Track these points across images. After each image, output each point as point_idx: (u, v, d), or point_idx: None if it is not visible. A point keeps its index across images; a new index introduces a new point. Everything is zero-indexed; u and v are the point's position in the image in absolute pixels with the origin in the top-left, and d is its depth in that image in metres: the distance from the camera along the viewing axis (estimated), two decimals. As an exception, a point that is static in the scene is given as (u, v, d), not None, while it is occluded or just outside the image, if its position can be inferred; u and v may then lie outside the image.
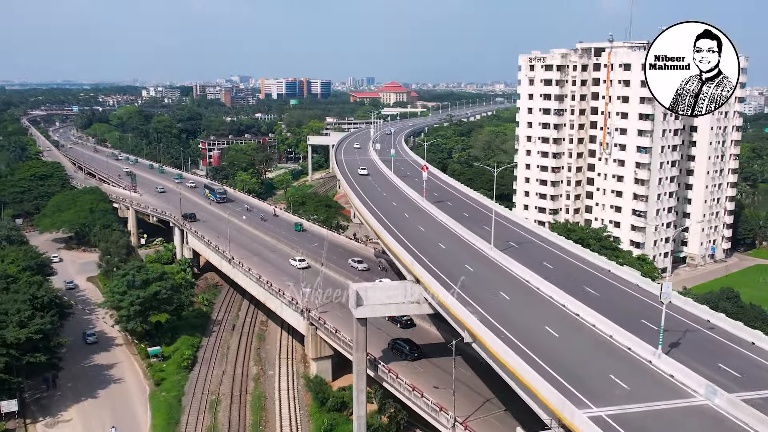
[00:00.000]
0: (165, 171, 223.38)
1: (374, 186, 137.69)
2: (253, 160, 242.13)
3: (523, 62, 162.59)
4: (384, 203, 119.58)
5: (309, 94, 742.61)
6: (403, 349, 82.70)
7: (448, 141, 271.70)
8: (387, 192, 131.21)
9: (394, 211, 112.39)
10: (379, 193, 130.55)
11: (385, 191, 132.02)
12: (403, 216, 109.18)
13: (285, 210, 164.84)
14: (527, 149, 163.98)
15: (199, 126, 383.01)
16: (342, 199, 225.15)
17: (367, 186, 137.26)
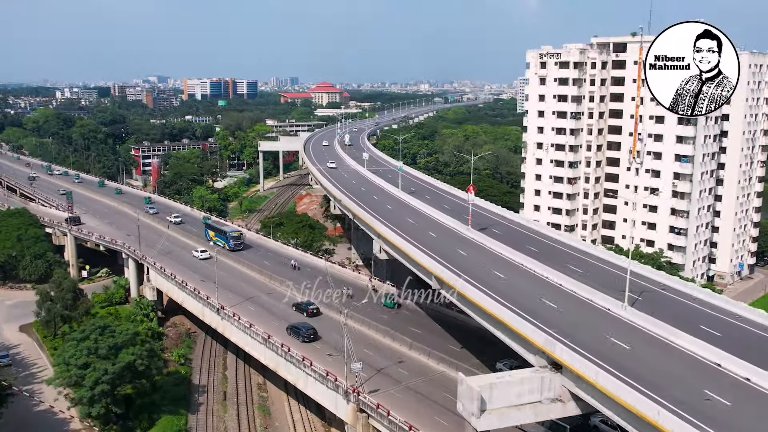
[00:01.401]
0: (105, 185, 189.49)
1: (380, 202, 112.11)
2: (201, 170, 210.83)
3: (532, 58, 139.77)
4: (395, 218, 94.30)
5: (235, 94, 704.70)
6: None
7: (411, 145, 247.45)
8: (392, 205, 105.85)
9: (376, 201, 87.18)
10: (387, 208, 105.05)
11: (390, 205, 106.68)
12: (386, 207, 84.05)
13: (259, 232, 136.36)
14: (537, 158, 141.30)
15: (125, 130, 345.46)
16: (303, 209, 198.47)
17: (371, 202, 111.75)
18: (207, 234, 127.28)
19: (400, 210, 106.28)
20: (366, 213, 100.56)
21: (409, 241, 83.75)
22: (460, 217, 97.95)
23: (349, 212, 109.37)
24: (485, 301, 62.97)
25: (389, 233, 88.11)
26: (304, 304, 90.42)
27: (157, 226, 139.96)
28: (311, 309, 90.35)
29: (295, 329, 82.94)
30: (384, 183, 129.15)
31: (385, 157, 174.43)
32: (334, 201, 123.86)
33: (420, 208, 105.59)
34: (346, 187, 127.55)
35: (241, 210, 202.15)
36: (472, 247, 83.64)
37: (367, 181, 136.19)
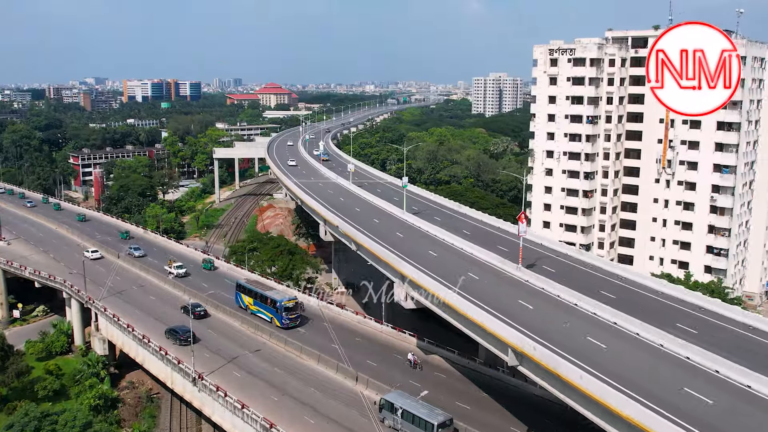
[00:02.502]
0: (49, 201, 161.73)
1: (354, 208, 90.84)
2: (150, 182, 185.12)
3: (540, 55, 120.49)
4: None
5: (178, 96, 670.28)
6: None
7: (380, 150, 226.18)
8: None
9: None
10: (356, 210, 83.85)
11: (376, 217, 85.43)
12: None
13: (230, 261, 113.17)
14: (548, 168, 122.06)
15: (62, 135, 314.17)
16: (268, 224, 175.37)
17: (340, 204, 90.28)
18: (239, 299, 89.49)
19: (416, 239, 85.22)
20: (380, 246, 78.83)
21: (457, 292, 62.43)
22: (491, 246, 77.97)
23: (352, 242, 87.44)
24: (608, 396, 42.66)
25: (423, 278, 66.72)
26: (192, 306, 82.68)
27: (106, 255, 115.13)
28: (198, 311, 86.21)
29: (173, 332, 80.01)
30: (379, 201, 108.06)
31: (368, 168, 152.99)
32: (325, 226, 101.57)
33: (440, 237, 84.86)
34: (336, 206, 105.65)
35: (197, 226, 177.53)
36: (534, 296, 63.18)
37: (357, 198, 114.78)
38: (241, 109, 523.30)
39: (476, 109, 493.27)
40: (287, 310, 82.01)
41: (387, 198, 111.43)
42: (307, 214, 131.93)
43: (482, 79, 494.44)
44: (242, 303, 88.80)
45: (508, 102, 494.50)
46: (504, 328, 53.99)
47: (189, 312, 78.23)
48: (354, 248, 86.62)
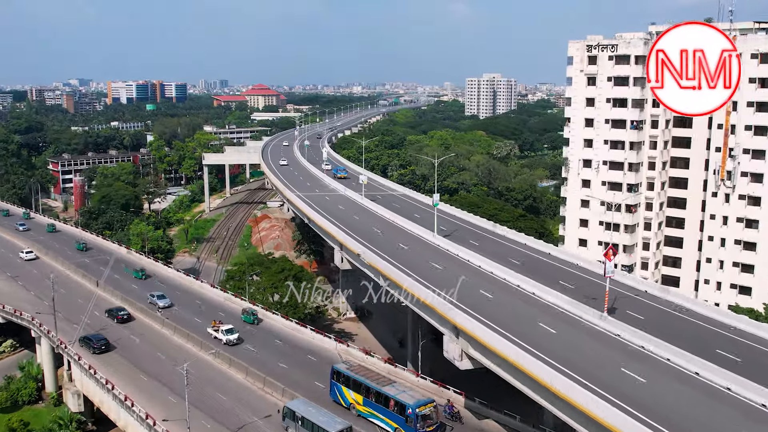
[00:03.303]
0: (10, 213, 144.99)
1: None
2: (135, 192, 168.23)
3: (576, 51, 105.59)
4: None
5: (163, 98, 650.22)
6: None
7: (380, 155, 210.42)
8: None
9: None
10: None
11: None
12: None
13: (226, 290, 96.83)
14: (584, 179, 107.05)
15: (43, 139, 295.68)
16: (264, 237, 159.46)
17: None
18: (337, 392, 61.97)
19: (458, 272, 69.44)
20: (422, 287, 62.65)
21: (544, 359, 47.15)
22: (551, 282, 62.94)
23: (380, 276, 71.41)
24: None
25: (488, 335, 51.20)
26: (115, 310, 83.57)
27: (81, 281, 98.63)
28: (121, 315, 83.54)
29: (86, 340, 75.66)
30: (402, 220, 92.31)
31: (379, 178, 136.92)
32: (341, 251, 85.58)
33: (487, 269, 69.75)
34: (352, 227, 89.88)
35: (186, 240, 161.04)
36: (636, 359, 47.90)
37: (373, 216, 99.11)
38: (229, 110, 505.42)
39: (469, 111, 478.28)
40: (424, 419, 54.37)
41: (407, 215, 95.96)
42: (309, 228, 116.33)
43: (476, 79, 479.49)
44: (343, 399, 61.13)
45: (503, 103, 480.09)
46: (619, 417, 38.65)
47: None
48: (384, 284, 70.87)
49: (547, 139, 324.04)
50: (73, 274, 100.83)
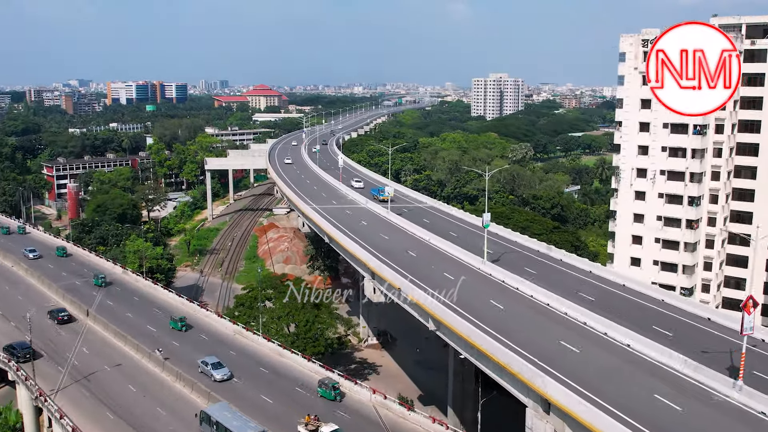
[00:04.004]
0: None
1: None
2: (133, 199, 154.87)
3: (629, 47, 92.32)
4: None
5: (163, 98, 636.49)
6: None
7: (394, 159, 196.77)
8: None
9: None
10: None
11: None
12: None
13: (236, 321, 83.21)
14: (638, 190, 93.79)
15: (39, 142, 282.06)
16: (272, 248, 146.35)
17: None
18: None
19: (521, 312, 56.30)
20: (500, 346, 49.11)
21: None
22: (643, 327, 49.96)
23: (431, 319, 57.99)
24: None
25: (597, 419, 37.87)
26: (56, 311, 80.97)
27: (69, 307, 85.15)
28: (61, 316, 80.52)
29: (11, 348, 71.59)
30: (440, 242, 79.09)
31: (402, 188, 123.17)
32: (373, 281, 71.96)
33: (559, 309, 56.56)
34: (382, 249, 76.51)
35: (188, 252, 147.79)
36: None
37: (404, 234, 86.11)
38: (230, 111, 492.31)
39: (476, 111, 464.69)
40: None
41: (441, 233, 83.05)
42: (322, 241, 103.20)
43: (482, 80, 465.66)
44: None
45: (510, 104, 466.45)
46: None
47: None
48: (432, 326, 57.39)
49: (559, 141, 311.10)
50: (114, 339, 76.81)
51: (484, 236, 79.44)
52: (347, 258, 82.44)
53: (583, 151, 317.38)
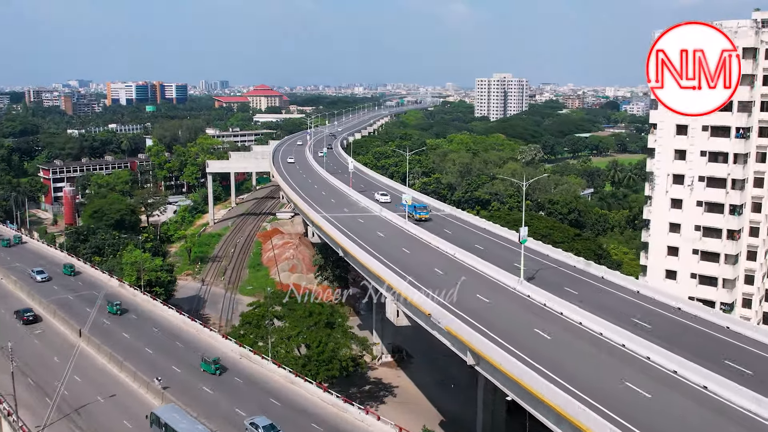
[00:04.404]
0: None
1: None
2: (131, 205, 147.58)
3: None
4: None
5: (163, 99, 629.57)
6: None
7: (400, 162, 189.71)
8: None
9: None
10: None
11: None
12: None
13: (242, 343, 75.72)
14: (674, 198, 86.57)
15: (35, 143, 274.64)
16: (278, 255, 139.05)
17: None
18: None
19: (574, 346, 49.04)
20: (579, 407, 41.54)
21: None
22: (711, 360, 42.61)
23: (472, 353, 50.63)
24: None
25: None
26: (22, 311, 78.83)
27: (62, 329, 77.76)
28: (27, 316, 78.64)
29: None
30: (466, 256, 71.71)
31: (418, 194, 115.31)
32: (397, 303, 64.06)
33: (614, 339, 48.96)
34: (408, 267, 68.79)
35: (189, 259, 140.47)
36: None
37: (426, 247, 78.42)
38: (230, 112, 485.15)
39: (479, 112, 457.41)
40: None
41: (466, 245, 75.94)
42: (331, 250, 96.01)
43: (486, 80, 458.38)
44: None
45: (514, 104, 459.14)
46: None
47: None
48: (471, 362, 49.95)
49: (567, 142, 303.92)
50: (108, 364, 68.67)
51: (513, 248, 72.60)
52: (365, 275, 74.93)
53: (590, 152, 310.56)
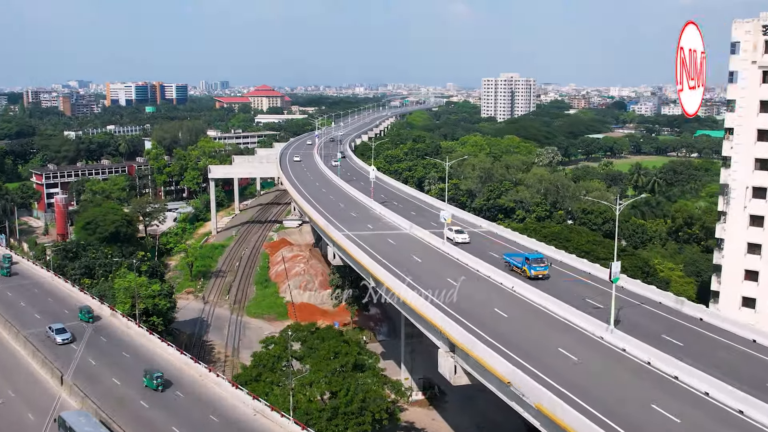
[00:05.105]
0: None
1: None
2: (128, 216, 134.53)
3: (745, 35, 72.62)
4: None
5: (163, 99, 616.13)
6: None
7: (414, 167, 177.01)
8: None
9: None
10: None
11: None
12: None
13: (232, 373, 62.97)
14: (754, 214, 73.89)
15: (30, 146, 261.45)
16: (288, 268, 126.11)
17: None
18: None
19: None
20: None
21: None
22: None
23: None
24: None
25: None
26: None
27: (39, 372, 64.85)
28: None
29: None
30: (530, 292, 58.20)
31: (461, 213, 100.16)
32: (455, 358, 50.87)
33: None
34: (462, 308, 55.68)
35: (190, 274, 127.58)
36: None
37: (479, 279, 64.98)
38: (232, 112, 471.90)
39: (486, 113, 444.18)
40: None
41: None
42: (351, 269, 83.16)
43: (492, 80, 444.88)
44: None
45: (521, 104, 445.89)
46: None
47: None
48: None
49: (581, 143, 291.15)
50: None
51: (577, 277, 59.50)
52: (408, 315, 61.13)
53: (604, 154, 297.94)
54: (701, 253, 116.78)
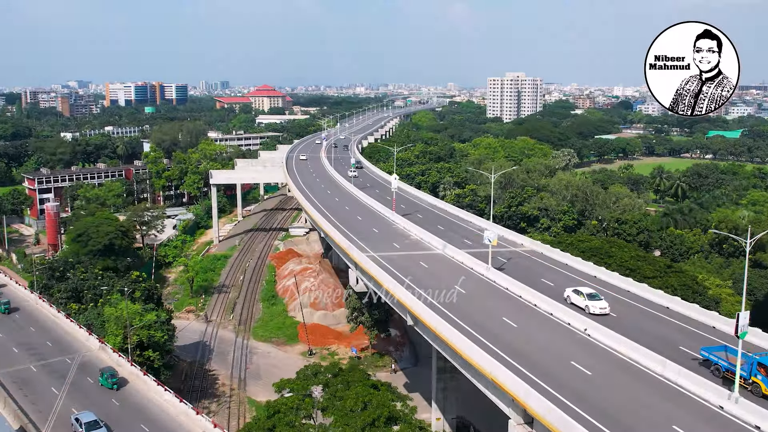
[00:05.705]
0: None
1: None
2: (123, 226, 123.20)
3: None
4: None
5: (163, 99, 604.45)
6: None
7: (428, 171, 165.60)
8: None
9: None
10: None
11: None
12: None
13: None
14: None
15: (24, 148, 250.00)
16: (299, 282, 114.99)
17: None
18: None
19: None
20: None
21: None
22: None
23: None
24: None
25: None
26: None
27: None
28: None
29: None
30: (621, 344, 46.69)
31: (506, 232, 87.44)
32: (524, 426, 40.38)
33: None
34: (539, 368, 44.27)
35: (191, 290, 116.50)
36: None
37: (540, 317, 53.46)
38: (232, 113, 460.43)
39: (492, 113, 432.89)
40: None
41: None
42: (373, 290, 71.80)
43: (498, 79, 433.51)
44: None
45: (528, 104, 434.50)
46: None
47: None
48: None
49: (593, 144, 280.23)
50: None
51: (656, 313, 48.45)
52: (464, 370, 48.88)
53: (616, 156, 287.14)
54: (751, 269, 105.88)
